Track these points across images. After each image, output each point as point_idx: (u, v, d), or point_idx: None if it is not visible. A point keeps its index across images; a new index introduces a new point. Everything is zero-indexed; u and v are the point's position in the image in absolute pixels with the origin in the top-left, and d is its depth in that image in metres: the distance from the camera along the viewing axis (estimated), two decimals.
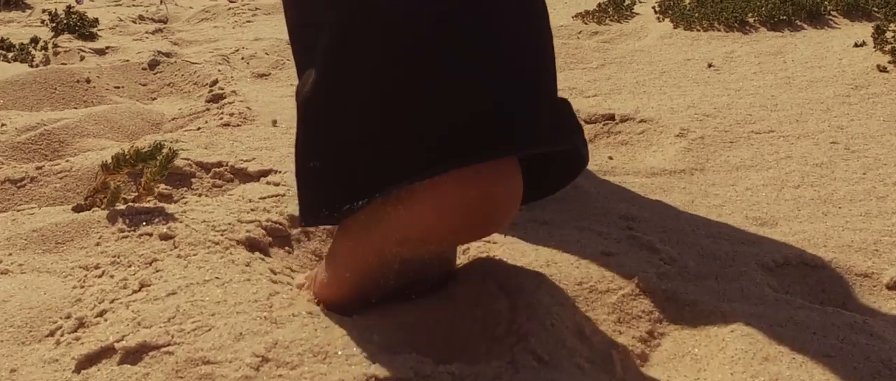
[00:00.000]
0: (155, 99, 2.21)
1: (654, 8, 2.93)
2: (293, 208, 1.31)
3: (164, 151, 1.31)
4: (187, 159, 1.61)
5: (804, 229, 1.32)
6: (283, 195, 1.36)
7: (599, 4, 2.95)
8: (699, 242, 1.26)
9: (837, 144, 1.67)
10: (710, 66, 2.27)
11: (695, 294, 1.10)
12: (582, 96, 2.07)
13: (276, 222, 1.25)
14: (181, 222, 1.22)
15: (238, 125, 1.82)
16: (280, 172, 1.54)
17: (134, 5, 3.91)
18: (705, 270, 1.18)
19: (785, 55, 2.34)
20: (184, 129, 1.90)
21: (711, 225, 1.33)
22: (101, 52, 2.78)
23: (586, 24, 2.87)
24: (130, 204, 1.29)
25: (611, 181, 1.50)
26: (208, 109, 1.98)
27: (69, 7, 3.08)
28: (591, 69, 2.27)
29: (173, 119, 1.97)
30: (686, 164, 1.60)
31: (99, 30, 3.08)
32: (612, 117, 1.85)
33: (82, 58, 2.71)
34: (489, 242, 1.21)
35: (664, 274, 1.14)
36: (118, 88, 2.26)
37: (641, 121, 1.82)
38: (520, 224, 1.28)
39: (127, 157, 1.26)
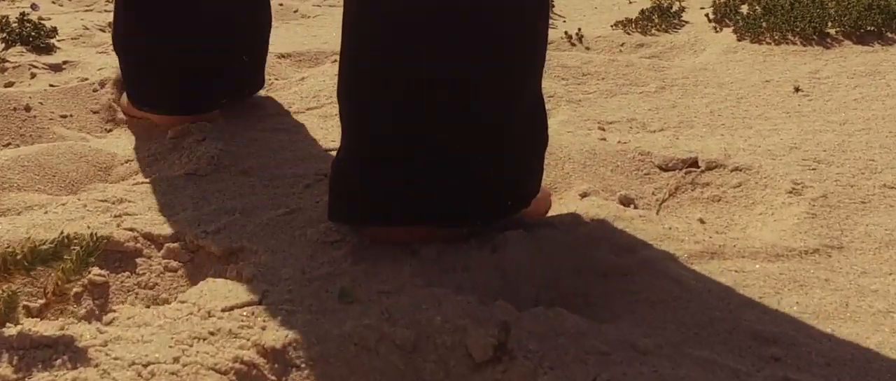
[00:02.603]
0: (109, 132, 1.78)
1: (707, 16, 2.50)
2: (273, 330, 0.88)
3: (81, 243, 0.88)
4: (133, 230, 1.17)
5: None
6: (259, 303, 0.93)
7: (642, 11, 2.52)
8: None
9: None
10: (797, 90, 1.84)
11: None
12: (646, 131, 1.63)
13: (247, 362, 0.81)
14: (96, 364, 0.79)
15: (206, 175, 1.38)
16: (255, 250, 1.11)
17: (107, 10, 3.47)
18: None
19: (885, 76, 1.91)
20: (137, 177, 1.47)
21: (891, 347, 0.90)
22: (56, 67, 2.34)
23: (629, 34, 2.44)
24: (29, 325, 0.86)
25: (718, 270, 1.07)
26: (173, 148, 1.54)
27: (23, 14, 2.65)
28: (650, 94, 1.84)
29: (126, 162, 1.53)
30: (816, 238, 1.17)
31: (58, 40, 2.63)
32: (695, 163, 1.42)
33: (33, 75, 2.28)
34: None
35: None
36: (65, 117, 1.82)
37: (735, 169, 1.39)
38: (612, 356, 0.85)
39: (19, 258, 0.83)
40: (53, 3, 3.63)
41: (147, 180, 1.36)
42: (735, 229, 1.27)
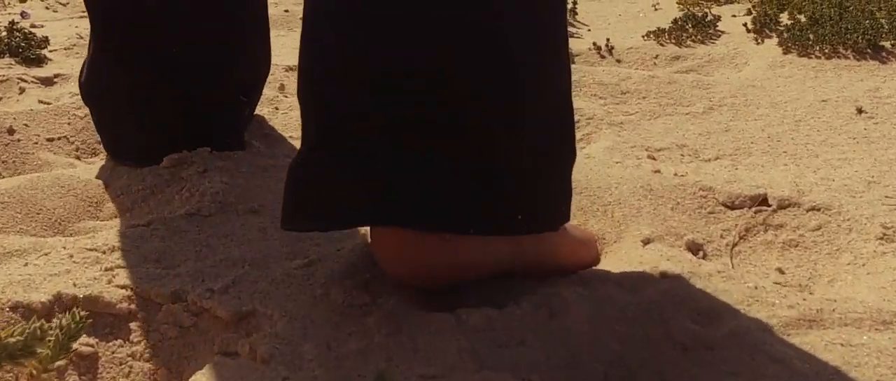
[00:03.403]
0: (98, 156, 1.61)
1: (745, 25, 2.33)
2: None
3: (61, 326, 0.71)
4: (126, 287, 1.01)
5: None
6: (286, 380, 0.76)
7: (675, 21, 2.35)
8: None
9: None
10: (860, 111, 1.67)
11: None
12: (700, 160, 1.47)
13: None
14: None
15: (209, 216, 1.22)
16: (269, 315, 0.94)
17: None
18: None
19: None
20: (131, 215, 1.30)
21: None
22: (47, 81, 2.18)
23: (663, 45, 2.27)
24: None
25: (821, 344, 0.90)
26: (170, 180, 1.37)
27: (12, 23, 2.48)
28: (698, 115, 1.67)
29: (119, 196, 1.36)
30: None
31: (50, 50, 2.47)
32: (765, 201, 1.25)
33: (22, 90, 2.11)
34: None
35: None
36: (52, 140, 1.65)
37: (812, 209, 1.22)
38: None
39: None
40: (47, 8, 3.46)
41: (142, 223, 1.18)
42: (821, 283, 1.10)
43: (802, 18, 2.25)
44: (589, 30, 2.64)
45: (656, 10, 2.93)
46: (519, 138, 0.93)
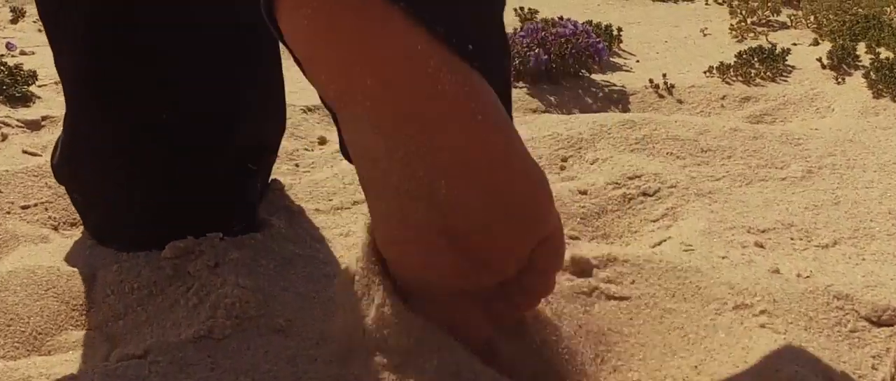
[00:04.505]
0: (77, 227, 1.34)
1: (819, 61, 2.07)
2: None
3: None
4: None
5: None
6: None
7: (740, 54, 2.08)
8: None
9: None
10: None
11: None
12: (816, 246, 1.21)
13: None
14: None
15: (224, 339, 0.96)
16: None
17: None
18: None
19: None
20: (125, 322, 1.05)
21: None
22: (33, 125, 1.93)
23: (729, 84, 2.01)
24: None
25: None
26: (174, 276, 1.11)
27: None
28: (798, 182, 1.42)
29: (108, 296, 1.10)
30: None
31: (39, 86, 2.22)
32: None
33: (4, 136, 1.86)
34: None
35: None
36: (27, 208, 1.39)
37: None
38: None
39: None
40: (39, 31, 3.21)
41: (138, 352, 0.93)
42: None
43: (887, 54, 1.99)
44: (638, 61, 2.38)
45: (705, 35, 2.67)
46: None
